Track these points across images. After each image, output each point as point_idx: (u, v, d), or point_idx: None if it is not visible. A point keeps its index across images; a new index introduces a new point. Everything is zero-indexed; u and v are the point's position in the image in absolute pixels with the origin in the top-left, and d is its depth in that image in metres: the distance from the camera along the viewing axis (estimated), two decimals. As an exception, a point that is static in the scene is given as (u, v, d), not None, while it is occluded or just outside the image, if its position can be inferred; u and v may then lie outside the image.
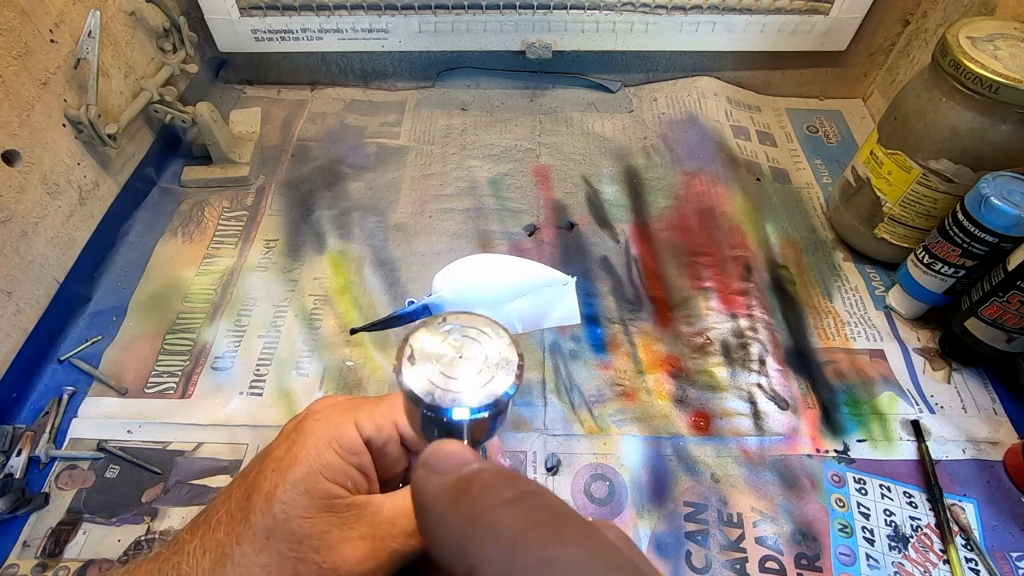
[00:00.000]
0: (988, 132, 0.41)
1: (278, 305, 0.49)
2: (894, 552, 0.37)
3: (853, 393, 0.44)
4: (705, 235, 0.54)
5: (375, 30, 0.62)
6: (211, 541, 0.24)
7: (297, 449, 0.25)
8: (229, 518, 0.25)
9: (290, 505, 0.24)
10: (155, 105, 0.55)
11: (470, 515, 0.13)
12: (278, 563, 0.23)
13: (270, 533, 0.23)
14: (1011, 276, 0.38)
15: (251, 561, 0.23)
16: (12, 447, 0.40)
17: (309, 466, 0.25)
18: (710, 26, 0.62)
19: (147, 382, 0.44)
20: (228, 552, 0.24)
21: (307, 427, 0.26)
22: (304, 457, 0.25)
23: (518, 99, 0.68)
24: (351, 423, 0.26)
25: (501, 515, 0.13)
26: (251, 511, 0.24)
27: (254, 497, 0.25)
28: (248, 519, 0.24)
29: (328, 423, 0.26)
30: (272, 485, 0.24)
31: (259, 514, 0.24)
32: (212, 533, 0.24)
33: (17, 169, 0.43)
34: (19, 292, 0.43)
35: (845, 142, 0.65)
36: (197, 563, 0.24)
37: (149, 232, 0.54)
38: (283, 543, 0.23)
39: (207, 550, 0.24)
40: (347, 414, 0.26)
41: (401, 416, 0.28)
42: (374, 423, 0.27)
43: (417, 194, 0.58)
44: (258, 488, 0.25)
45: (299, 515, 0.24)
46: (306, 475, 0.24)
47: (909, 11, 0.61)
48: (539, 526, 0.13)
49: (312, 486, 0.24)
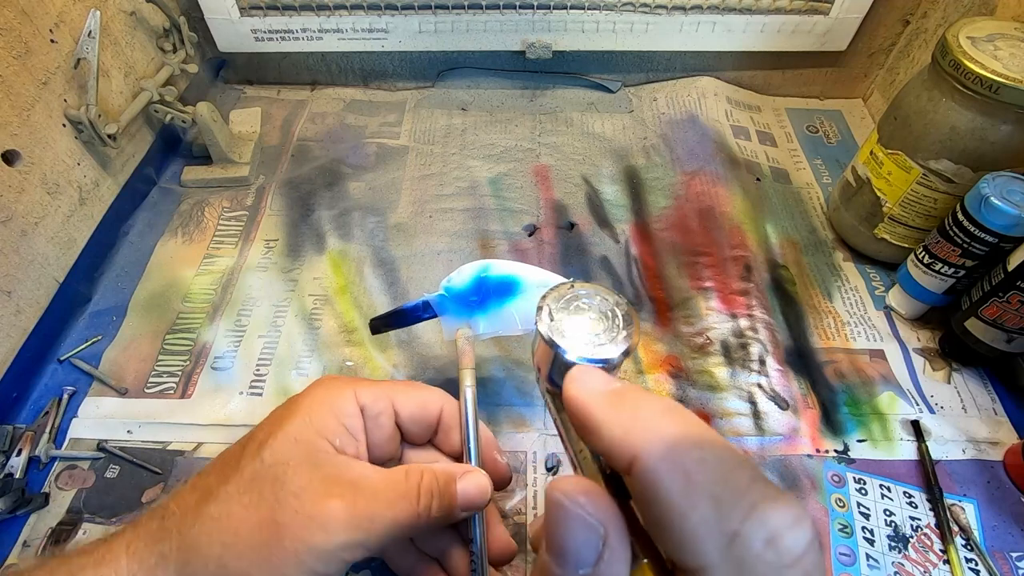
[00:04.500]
0: (988, 132, 0.41)
1: (278, 305, 0.49)
2: (894, 552, 0.37)
3: (853, 393, 0.44)
4: (705, 235, 0.54)
5: (375, 30, 0.62)
6: (200, 483, 0.26)
7: (295, 407, 0.27)
8: (222, 465, 0.26)
9: (279, 453, 0.25)
10: (155, 105, 0.55)
11: (632, 418, 0.16)
12: (257, 503, 0.24)
13: (256, 475, 0.25)
14: (1011, 276, 0.38)
15: (233, 499, 0.24)
16: (12, 447, 0.40)
17: (302, 419, 0.26)
18: (710, 26, 0.62)
19: (147, 382, 0.44)
20: (213, 491, 0.25)
21: (308, 390, 0.28)
22: (299, 412, 0.27)
23: (518, 99, 0.68)
24: (351, 390, 0.28)
25: (660, 420, 0.16)
26: (243, 456, 0.26)
27: (248, 445, 0.26)
28: (238, 463, 0.26)
29: (329, 387, 0.28)
30: (266, 435, 0.26)
31: (248, 458, 0.25)
32: (203, 478, 0.26)
33: (17, 169, 0.43)
34: (19, 292, 0.43)
35: (845, 142, 0.65)
36: (183, 501, 0.25)
37: (149, 232, 0.54)
38: (266, 485, 0.24)
39: (196, 489, 0.26)
40: (348, 383, 0.29)
41: (398, 396, 0.30)
42: (372, 393, 0.29)
43: (417, 194, 0.58)
44: (253, 439, 0.27)
45: (285, 462, 0.25)
46: (298, 427, 0.26)
47: (909, 11, 0.61)
48: (690, 433, 0.16)
49: (301, 436, 0.26)
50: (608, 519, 0.16)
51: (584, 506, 0.16)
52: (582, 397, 0.18)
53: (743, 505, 0.14)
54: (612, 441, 0.16)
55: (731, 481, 0.15)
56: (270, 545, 0.23)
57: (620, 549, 0.16)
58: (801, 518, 0.15)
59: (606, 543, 0.16)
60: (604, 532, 0.16)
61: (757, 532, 0.14)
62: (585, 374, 0.19)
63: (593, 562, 0.16)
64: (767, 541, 0.14)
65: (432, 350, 0.46)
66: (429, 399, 0.31)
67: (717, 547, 0.14)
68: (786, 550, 0.14)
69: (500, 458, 0.33)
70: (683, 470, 0.15)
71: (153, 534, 0.24)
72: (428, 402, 0.30)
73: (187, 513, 0.24)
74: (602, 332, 0.22)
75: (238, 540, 0.23)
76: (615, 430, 0.16)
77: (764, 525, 0.14)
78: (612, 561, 0.16)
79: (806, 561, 0.14)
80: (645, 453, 0.15)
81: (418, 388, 0.31)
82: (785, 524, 0.14)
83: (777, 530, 0.14)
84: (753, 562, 0.14)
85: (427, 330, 0.46)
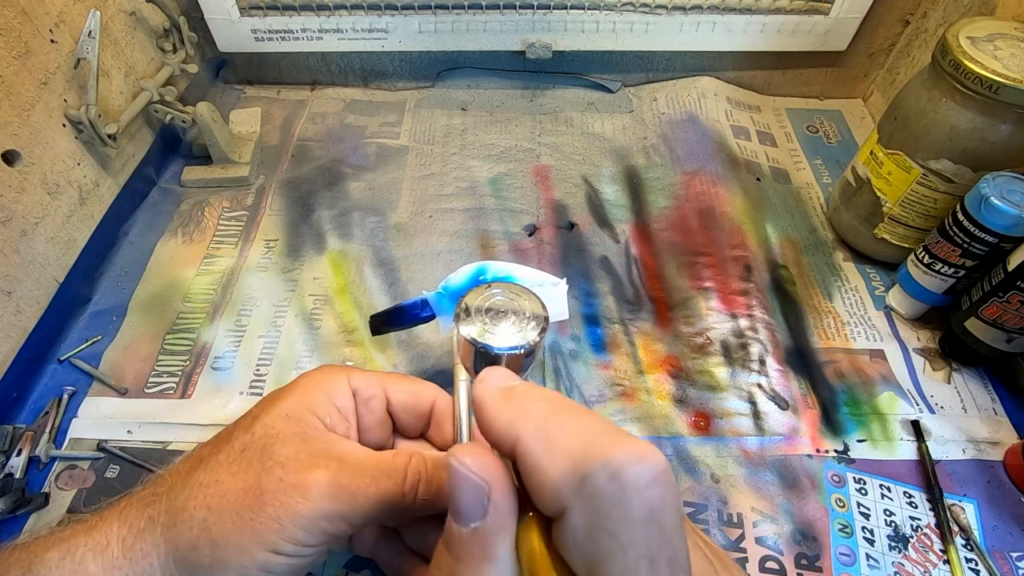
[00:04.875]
0: (988, 132, 0.41)
1: (278, 305, 0.49)
2: (894, 552, 0.37)
3: (853, 393, 0.44)
4: (705, 235, 0.54)
5: (375, 30, 0.62)
6: (194, 454, 0.27)
7: (290, 387, 0.29)
8: (216, 440, 0.28)
9: (270, 426, 0.26)
10: (155, 105, 0.55)
11: (515, 408, 0.19)
12: (244, 472, 0.25)
13: (246, 446, 0.26)
14: (1011, 276, 0.38)
15: (222, 467, 0.25)
16: (12, 447, 0.40)
17: (296, 397, 0.28)
18: (710, 26, 0.62)
19: (147, 382, 0.44)
20: (204, 460, 0.26)
21: (305, 374, 0.30)
22: (294, 391, 0.28)
23: (518, 99, 0.68)
24: (344, 375, 0.29)
25: (535, 407, 0.19)
26: (236, 429, 0.27)
27: (242, 420, 0.28)
28: (231, 435, 0.27)
29: (324, 371, 0.30)
30: (259, 410, 0.27)
31: (240, 431, 0.27)
32: (198, 450, 0.28)
33: (17, 169, 0.43)
34: (19, 292, 0.43)
35: (845, 142, 0.65)
36: (176, 469, 0.27)
37: (149, 232, 0.54)
38: (254, 456, 0.25)
39: (189, 460, 0.27)
40: (343, 370, 0.30)
41: (390, 384, 0.31)
42: (365, 379, 0.30)
43: (417, 194, 0.58)
44: (248, 414, 0.28)
45: (275, 435, 0.26)
46: (291, 404, 0.27)
47: (909, 11, 0.61)
48: (559, 411, 0.19)
49: (293, 413, 0.27)
50: (492, 477, 0.18)
51: (469, 466, 0.18)
52: (481, 395, 0.20)
53: (594, 454, 0.16)
54: (498, 431, 0.19)
55: (587, 439, 0.17)
56: (253, 509, 0.24)
57: (504, 503, 0.18)
58: (645, 456, 0.16)
59: (490, 498, 0.18)
60: (488, 488, 0.18)
61: (602, 471, 0.16)
62: (489, 374, 0.21)
63: (481, 516, 0.18)
64: (610, 477, 0.16)
65: (432, 350, 0.46)
66: (421, 390, 0.31)
67: (571, 490, 0.16)
68: (628, 482, 0.16)
69: None
70: (546, 438, 0.17)
71: (144, 499, 0.25)
72: (420, 393, 0.31)
73: (177, 479, 0.26)
74: (511, 326, 0.25)
75: (223, 504, 0.24)
76: (500, 422, 0.19)
77: (608, 465, 0.16)
78: (496, 514, 0.18)
79: (650, 493, 0.16)
80: (522, 436, 0.18)
81: (411, 379, 0.32)
82: (628, 461, 0.16)
83: (620, 466, 0.16)
84: (599, 496, 0.16)
85: (427, 331, 0.46)
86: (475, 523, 0.18)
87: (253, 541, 0.23)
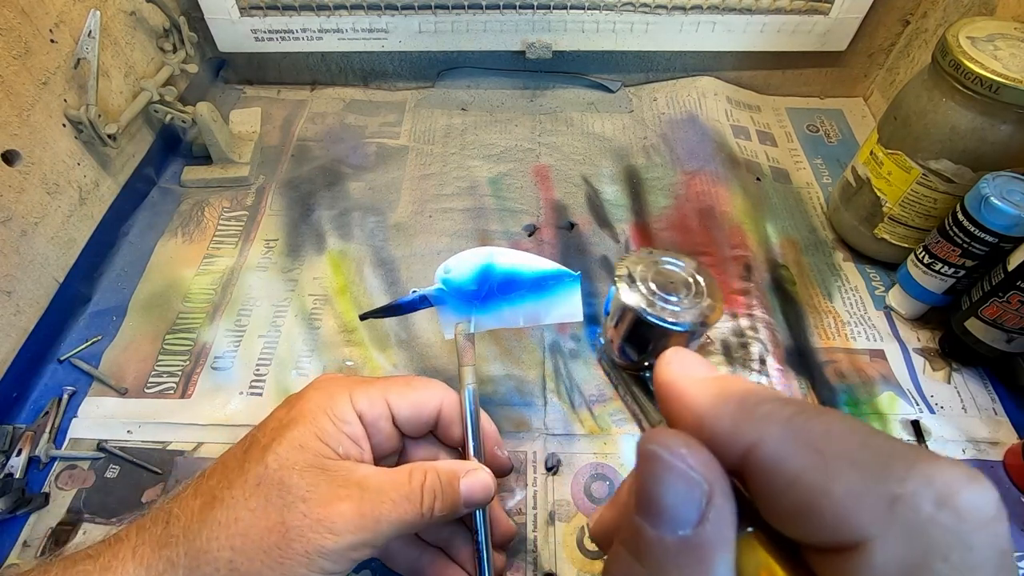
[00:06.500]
0: (988, 132, 0.41)
1: (278, 305, 0.49)
2: (894, 552, 0.37)
3: (853, 393, 0.44)
4: (705, 235, 0.54)
5: (375, 30, 0.62)
6: (203, 487, 0.26)
7: (296, 412, 0.28)
8: (223, 468, 0.27)
9: (284, 458, 0.26)
10: (155, 105, 0.55)
11: (740, 408, 0.15)
12: (265, 508, 0.24)
13: (261, 480, 0.25)
14: (1011, 276, 0.38)
15: (240, 504, 0.25)
16: (12, 447, 0.40)
17: (305, 427, 0.27)
18: (710, 26, 0.62)
19: (147, 382, 0.44)
20: (218, 496, 0.25)
21: (307, 395, 0.29)
22: (302, 419, 0.27)
23: (518, 99, 0.68)
24: (347, 395, 0.28)
25: (771, 407, 0.14)
26: (246, 461, 0.26)
27: (251, 450, 0.27)
28: (242, 467, 0.26)
29: (326, 393, 0.29)
30: (269, 439, 0.27)
31: (253, 463, 0.26)
32: (205, 481, 0.26)
33: (17, 169, 0.43)
34: (19, 292, 0.43)
35: (845, 141, 0.65)
36: (187, 505, 0.25)
37: (149, 232, 0.54)
38: (272, 490, 0.25)
39: (199, 494, 0.26)
40: (344, 388, 0.29)
41: (393, 398, 0.30)
42: (368, 398, 0.29)
43: (417, 194, 0.58)
44: (256, 443, 0.27)
45: (290, 467, 0.25)
46: (301, 434, 0.26)
47: (909, 11, 0.61)
48: (804, 411, 0.14)
49: (306, 443, 0.26)
50: (713, 476, 0.14)
51: (686, 458, 0.14)
52: (679, 385, 0.16)
53: (896, 467, 0.12)
54: (719, 435, 0.14)
55: (871, 446, 0.13)
56: (280, 547, 0.23)
57: (727, 509, 0.14)
58: (976, 478, 0.12)
59: (711, 502, 0.13)
60: (709, 489, 0.13)
61: (924, 493, 0.12)
62: (680, 357, 0.17)
63: (695, 522, 0.13)
64: (938, 502, 0.12)
65: (432, 349, 0.46)
66: (424, 399, 0.31)
67: (876, 515, 0.12)
68: (966, 512, 0.11)
69: (500, 453, 0.33)
70: (811, 447, 0.13)
71: (159, 539, 0.25)
72: (423, 403, 0.31)
73: (192, 518, 0.25)
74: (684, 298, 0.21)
75: (247, 544, 0.24)
76: (723, 422, 0.14)
77: (930, 484, 0.12)
78: (718, 522, 0.13)
79: (998, 529, 0.12)
80: (763, 441, 0.14)
81: (414, 387, 0.31)
82: (958, 482, 0.12)
83: (949, 489, 0.12)
84: (926, 526, 0.11)
85: (427, 329, 0.46)
86: (685, 530, 0.13)
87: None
